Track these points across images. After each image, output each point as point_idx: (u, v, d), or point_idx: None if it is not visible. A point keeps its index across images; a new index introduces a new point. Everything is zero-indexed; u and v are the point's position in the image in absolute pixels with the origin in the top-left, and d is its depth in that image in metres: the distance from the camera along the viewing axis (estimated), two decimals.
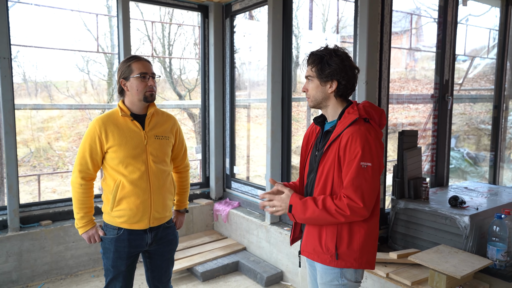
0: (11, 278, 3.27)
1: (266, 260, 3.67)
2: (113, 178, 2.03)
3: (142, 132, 2.04)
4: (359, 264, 1.68)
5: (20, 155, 8.67)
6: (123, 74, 2.02)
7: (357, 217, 1.61)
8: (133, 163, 2.00)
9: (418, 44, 9.70)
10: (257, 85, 6.29)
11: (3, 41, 3.17)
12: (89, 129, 2.02)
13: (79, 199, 2.06)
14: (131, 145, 2.01)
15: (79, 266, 3.58)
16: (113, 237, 2.07)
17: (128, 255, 2.08)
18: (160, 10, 9.33)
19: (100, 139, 1.99)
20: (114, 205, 2.03)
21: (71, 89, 9.92)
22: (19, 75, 9.16)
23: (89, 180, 2.07)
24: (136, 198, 2.01)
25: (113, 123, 2.01)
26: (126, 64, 2.01)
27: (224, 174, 4.56)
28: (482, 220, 2.60)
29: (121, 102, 2.07)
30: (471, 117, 8.39)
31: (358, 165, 1.58)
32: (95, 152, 2.01)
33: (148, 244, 2.12)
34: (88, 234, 2.10)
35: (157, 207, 2.08)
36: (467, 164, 7.56)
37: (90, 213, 2.11)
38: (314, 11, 8.79)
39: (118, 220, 2.05)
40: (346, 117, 1.67)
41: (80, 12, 8.29)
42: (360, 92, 2.75)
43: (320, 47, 1.74)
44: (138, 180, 2.01)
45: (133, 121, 2.03)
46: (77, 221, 2.10)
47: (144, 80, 2.00)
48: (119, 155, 1.99)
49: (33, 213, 3.53)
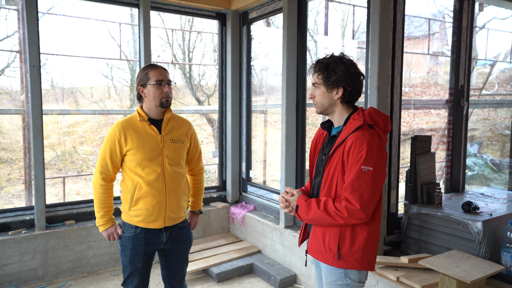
0: (37, 274, 3.45)
1: (280, 263, 3.72)
2: (131, 179, 2.15)
3: (159, 136, 2.15)
4: (361, 266, 1.73)
5: (47, 159, 9.03)
6: (141, 82, 2.14)
7: (354, 219, 1.65)
8: (149, 165, 2.11)
9: (443, 48, 9.56)
10: (275, 90, 6.37)
11: (33, 51, 3.37)
12: (109, 133, 2.14)
13: (99, 199, 2.18)
14: (148, 148, 2.12)
15: (100, 265, 3.73)
16: (130, 235, 2.18)
17: (144, 252, 2.19)
18: (180, 18, 9.57)
19: (120, 142, 2.11)
20: (132, 204, 2.14)
21: (95, 95, 10.27)
22: (47, 82, 9.57)
23: (109, 181, 2.20)
24: (152, 199, 2.12)
25: (132, 128, 2.13)
26: (143, 72, 2.14)
27: (241, 178, 4.65)
28: (496, 226, 2.58)
29: (140, 108, 2.19)
30: (495, 122, 8.20)
31: (359, 169, 1.64)
32: (114, 154, 2.13)
33: (164, 243, 2.22)
34: (107, 232, 2.22)
35: (172, 208, 2.18)
36: (490, 171, 7.37)
37: (110, 212, 2.23)
38: (333, 17, 8.82)
39: (135, 219, 2.16)
40: (352, 123, 1.73)
41: (105, 22, 8.61)
42: (372, 98, 2.79)
43: (326, 55, 1.81)
44: (154, 181, 2.12)
45: (150, 126, 2.15)
46: (97, 219, 2.22)
47: (160, 87, 2.11)
48: (137, 158, 2.11)
49: (58, 213, 3.71)
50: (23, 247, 3.38)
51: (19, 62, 4.02)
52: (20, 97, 5.33)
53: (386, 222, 3.00)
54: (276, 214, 4.00)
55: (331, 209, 1.68)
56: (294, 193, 1.85)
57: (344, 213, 1.65)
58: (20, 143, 8.11)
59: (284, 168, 3.72)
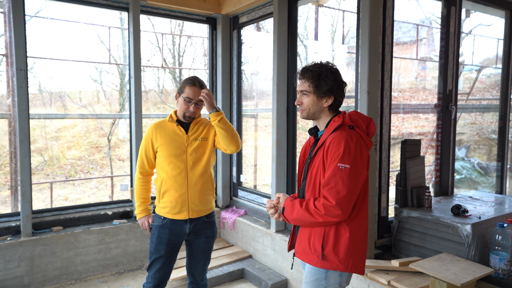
0: (23, 282, 3.37)
1: (271, 268, 3.70)
2: (160, 174, 2.41)
3: (185, 135, 2.40)
4: (345, 267, 1.73)
5: (34, 164, 8.88)
6: (179, 89, 2.39)
7: (331, 217, 1.67)
8: (174, 161, 2.36)
9: (430, 53, 9.72)
10: (266, 95, 6.38)
11: (20, 54, 3.32)
12: (146, 132, 2.45)
13: (137, 190, 2.48)
14: (174, 146, 2.37)
15: (88, 272, 3.66)
16: (158, 224, 2.42)
17: (168, 241, 2.39)
18: (170, 22, 9.55)
19: (152, 140, 2.40)
20: (160, 197, 2.40)
21: (84, 99, 10.17)
22: (35, 86, 9.44)
23: (146, 175, 2.48)
24: (175, 192, 2.36)
25: (163, 127, 2.42)
26: (184, 83, 2.36)
27: (231, 182, 4.63)
28: (484, 229, 2.61)
29: (174, 112, 2.45)
30: (481, 126, 8.33)
31: (336, 166, 1.66)
32: (148, 151, 2.42)
33: (187, 234, 2.42)
34: (141, 220, 2.49)
35: (194, 200, 2.38)
36: (478, 174, 7.48)
37: (146, 203, 2.50)
38: (323, 22, 8.90)
39: (163, 211, 2.40)
40: (332, 125, 1.78)
41: (94, 25, 8.56)
42: (362, 102, 2.80)
43: (312, 62, 1.83)
44: (177, 176, 2.36)
45: (177, 126, 2.40)
46: (136, 208, 2.50)
47: (188, 104, 2.34)
48: (164, 153, 2.37)
49: (45, 219, 3.64)
50: (8, 254, 3.31)
51: (6, 66, 3.96)
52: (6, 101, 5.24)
53: (377, 225, 3.01)
54: (267, 218, 3.99)
55: (311, 207, 1.70)
56: (280, 196, 1.88)
57: (322, 210, 1.67)
58: (6, 148, 7.97)
59: (275, 173, 3.71)
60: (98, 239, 3.70)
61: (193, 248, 2.48)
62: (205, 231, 2.46)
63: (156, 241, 2.41)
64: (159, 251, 2.40)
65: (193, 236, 2.44)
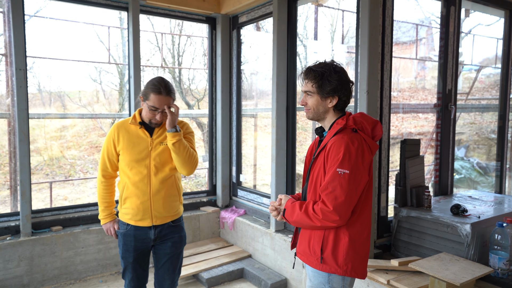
0: (22, 282, 3.37)
1: (271, 268, 3.70)
2: (122, 179, 2.27)
3: (149, 139, 2.22)
4: (344, 271, 1.72)
5: (33, 163, 8.87)
6: (143, 94, 2.17)
7: (329, 222, 1.65)
8: (136, 167, 2.20)
9: (430, 53, 9.71)
10: (265, 94, 6.38)
11: (19, 54, 3.32)
12: (108, 133, 2.28)
13: (100, 194, 2.33)
14: (137, 150, 2.20)
15: (87, 271, 3.66)
16: (122, 232, 2.29)
17: (134, 248, 2.27)
18: (170, 22, 9.55)
19: (114, 142, 2.23)
20: (122, 203, 2.27)
21: (83, 99, 10.16)
22: (34, 86, 9.43)
23: (109, 178, 2.32)
24: (137, 199, 2.21)
25: (125, 129, 2.23)
26: (148, 88, 2.13)
27: (231, 182, 4.63)
28: (484, 228, 2.61)
29: (138, 111, 2.27)
30: (481, 126, 8.34)
31: (334, 171, 1.65)
32: (111, 153, 2.25)
33: (153, 240, 2.28)
34: (106, 226, 2.36)
35: (157, 207, 2.23)
36: (477, 174, 7.49)
37: (110, 207, 2.35)
38: (322, 22, 8.90)
39: (125, 217, 2.27)
40: (334, 127, 1.75)
41: (93, 25, 8.55)
42: (362, 102, 2.81)
43: (316, 62, 1.80)
44: (139, 182, 2.20)
45: (141, 129, 2.22)
46: (99, 213, 2.36)
47: (154, 112, 2.15)
48: (125, 158, 2.21)
49: (45, 219, 3.63)
50: (8, 254, 3.30)
51: (5, 65, 3.95)
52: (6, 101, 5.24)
53: (376, 225, 3.01)
54: (267, 218, 3.99)
55: (309, 211, 1.69)
56: (282, 198, 1.87)
57: (319, 214, 1.66)
58: (6, 147, 7.96)
59: (274, 172, 3.71)
60: (98, 239, 3.70)
61: (159, 256, 2.32)
62: (172, 235, 2.30)
63: (122, 249, 2.29)
64: (127, 258, 2.28)
65: (159, 241, 2.29)
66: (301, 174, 5.69)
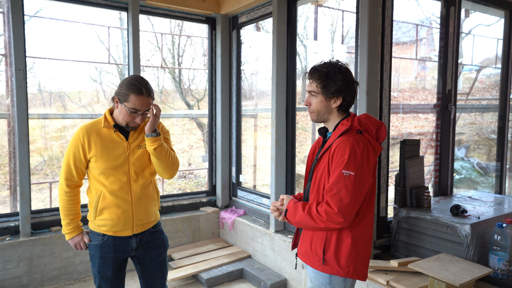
0: (21, 282, 3.37)
1: (270, 268, 3.70)
2: (95, 188, 2.04)
3: (125, 142, 2.03)
4: (346, 273, 1.71)
5: (33, 164, 8.88)
6: (119, 95, 1.95)
7: (333, 223, 1.64)
8: (114, 174, 1.99)
9: (430, 53, 9.71)
10: (265, 95, 6.38)
11: (19, 54, 3.32)
12: (73, 137, 2.01)
13: (64, 206, 2.06)
14: (112, 156, 1.99)
15: (87, 272, 3.66)
16: (98, 243, 2.06)
17: (113, 260, 2.08)
18: (170, 22, 9.55)
19: (83, 148, 1.99)
20: (97, 214, 2.03)
21: (83, 99, 10.16)
22: (35, 86, 9.43)
23: (74, 187, 2.08)
24: (117, 209, 2.01)
25: (97, 133, 2.00)
26: (128, 89, 1.92)
27: (230, 182, 4.62)
28: (483, 229, 2.61)
29: (108, 112, 2.04)
30: (481, 127, 8.33)
31: (340, 173, 1.63)
32: (79, 160, 2.01)
33: (134, 249, 2.11)
34: (74, 241, 2.10)
35: (139, 216, 2.07)
36: (477, 174, 7.48)
37: (76, 220, 2.11)
38: (322, 22, 8.89)
39: (102, 228, 2.05)
40: (339, 128, 1.74)
41: (93, 25, 8.55)
42: (361, 102, 2.80)
43: (321, 62, 1.78)
44: (119, 190, 2.01)
45: (116, 132, 2.02)
46: (63, 227, 2.11)
47: (133, 115, 1.95)
48: (100, 166, 1.98)
49: (44, 219, 3.63)
50: (7, 254, 3.30)
51: (4, 66, 3.95)
52: (5, 101, 5.24)
53: (376, 225, 3.01)
54: (266, 218, 3.99)
55: (313, 212, 1.68)
56: (284, 198, 1.86)
57: (324, 216, 1.64)
58: (5, 148, 7.96)
59: (274, 173, 3.71)
60: None
61: (145, 265, 2.16)
62: (155, 241, 2.15)
63: (99, 262, 2.05)
64: (105, 272, 2.07)
65: (142, 250, 2.12)
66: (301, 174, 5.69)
